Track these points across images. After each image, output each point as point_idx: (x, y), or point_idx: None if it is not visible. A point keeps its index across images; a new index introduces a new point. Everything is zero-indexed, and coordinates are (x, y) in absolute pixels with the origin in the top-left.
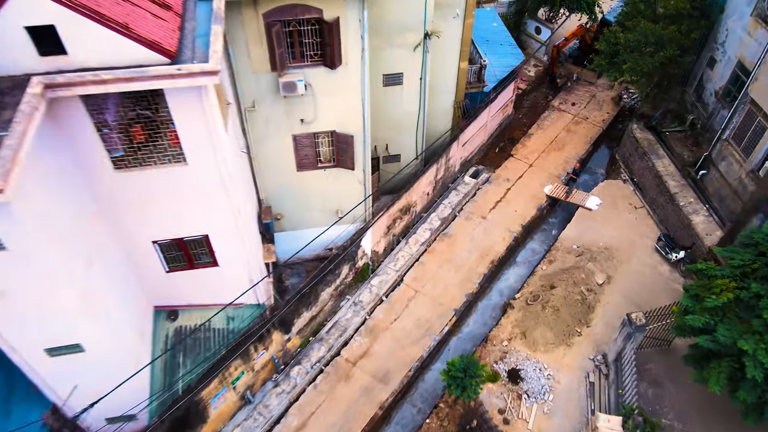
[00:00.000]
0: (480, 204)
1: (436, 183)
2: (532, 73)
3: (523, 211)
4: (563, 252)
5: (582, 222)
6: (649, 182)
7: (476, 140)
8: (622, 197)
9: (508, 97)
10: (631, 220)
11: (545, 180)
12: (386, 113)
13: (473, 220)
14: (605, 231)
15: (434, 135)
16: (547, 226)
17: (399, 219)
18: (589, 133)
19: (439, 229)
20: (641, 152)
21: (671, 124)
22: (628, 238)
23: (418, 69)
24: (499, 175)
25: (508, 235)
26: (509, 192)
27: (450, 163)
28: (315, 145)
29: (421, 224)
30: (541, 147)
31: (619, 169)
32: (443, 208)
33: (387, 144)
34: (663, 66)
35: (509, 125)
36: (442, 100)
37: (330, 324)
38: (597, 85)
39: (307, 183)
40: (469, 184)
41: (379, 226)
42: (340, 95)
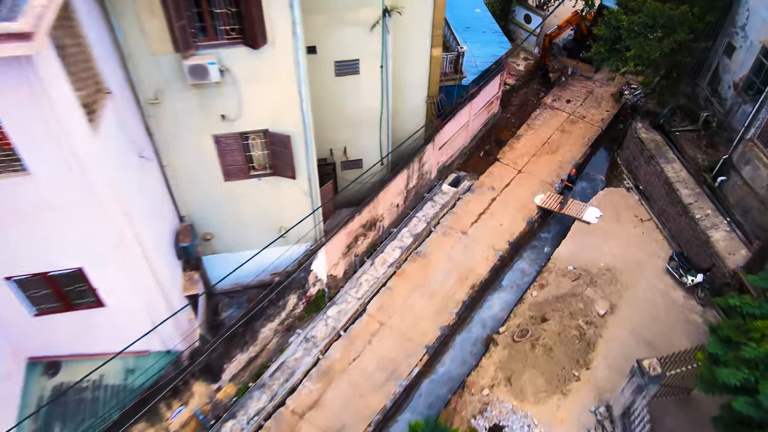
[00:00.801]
0: (460, 217)
1: (407, 193)
2: (521, 67)
3: (510, 225)
4: (557, 274)
5: (579, 238)
6: (658, 190)
7: (456, 142)
8: (626, 208)
9: (493, 93)
10: (637, 236)
11: (536, 188)
12: (341, 109)
13: (452, 236)
14: (607, 249)
15: (404, 136)
16: (538, 242)
17: (362, 236)
18: (586, 133)
19: (411, 247)
20: (647, 155)
21: (681, 123)
22: (633, 257)
23: (378, 55)
24: (482, 182)
25: (492, 254)
26: (494, 202)
27: (424, 169)
28: (244, 148)
29: (389, 242)
30: (531, 150)
31: (622, 175)
32: (416, 223)
33: (345, 147)
34: (672, 53)
35: (495, 125)
36: (412, 94)
37: (275, 366)
38: (594, 79)
39: (239, 195)
40: (448, 193)
41: (335, 245)
42: (270, 84)
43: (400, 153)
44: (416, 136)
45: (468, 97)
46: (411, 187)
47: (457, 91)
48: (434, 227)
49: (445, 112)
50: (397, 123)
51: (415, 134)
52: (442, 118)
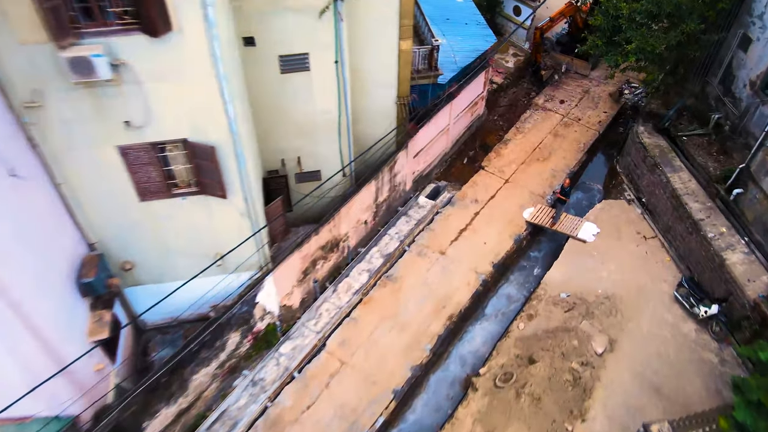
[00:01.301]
0: (438, 234)
1: (377, 207)
2: (510, 64)
3: (495, 243)
4: (547, 303)
5: (573, 259)
6: (663, 203)
7: (435, 149)
8: (627, 223)
9: (477, 93)
10: (640, 256)
11: (525, 200)
12: (290, 113)
13: (428, 257)
14: (605, 272)
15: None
16: (527, 262)
17: (322, 259)
18: (581, 137)
19: (381, 270)
20: (651, 163)
21: (689, 126)
22: (636, 282)
23: (331, 48)
24: (465, 194)
25: (473, 278)
26: (478, 217)
27: (397, 179)
28: (160, 161)
29: (355, 264)
30: (520, 156)
31: (622, 185)
32: (388, 241)
33: (299, 157)
34: (680, 47)
35: (480, 128)
36: (379, 94)
37: (214, 416)
38: (591, 77)
39: (161, 217)
40: (425, 207)
41: (288, 271)
42: (182, 83)
43: (367, 162)
44: (386, 142)
45: (446, 97)
46: (381, 200)
47: (432, 90)
48: (408, 246)
49: (419, 115)
50: (361, 128)
51: (383, 140)
52: (416, 121)
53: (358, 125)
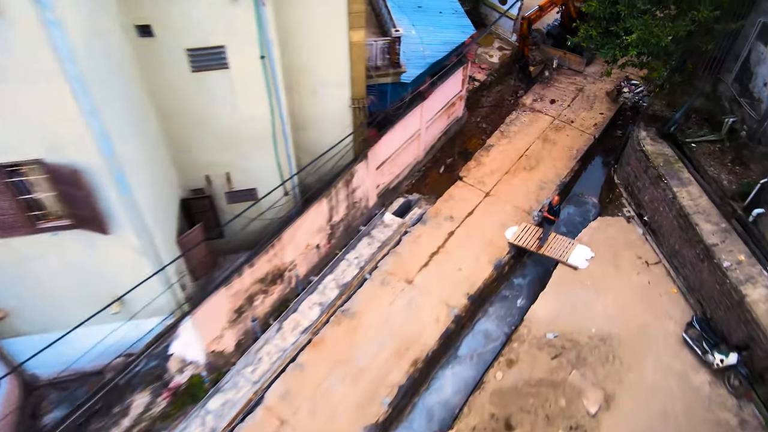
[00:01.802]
0: (405, 259)
1: (332, 228)
2: (495, 59)
3: (471, 269)
4: (531, 346)
5: (563, 289)
6: (669, 223)
7: (404, 158)
8: (626, 246)
9: (454, 93)
10: (642, 287)
11: (508, 218)
12: (210, 121)
13: (392, 287)
14: (600, 306)
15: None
16: (509, 291)
17: (262, 293)
18: (574, 143)
19: (336, 303)
20: (654, 174)
21: (699, 131)
22: (637, 319)
23: (254, 39)
24: (438, 210)
25: (444, 313)
26: (452, 238)
27: (356, 195)
28: (13, 188)
29: (306, 296)
30: (504, 165)
31: (620, 199)
32: (345, 268)
33: (228, 172)
34: (689, 38)
35: (460, 132)
36: (328, 96)
37: None
38: (586, 74)
39: (29, 257)
40: (391, 226)
41: (215, 311)
42: (21, 86)
43: (322, 176)
44: (339, 152)
45: (415, 98)
46: (337, 220)
47: (394, 90)
48: (369, 273)
49: (381, 120)
50: (310, 136)
51: (338, 150)
52: (377, 127)
53: (305, 133)
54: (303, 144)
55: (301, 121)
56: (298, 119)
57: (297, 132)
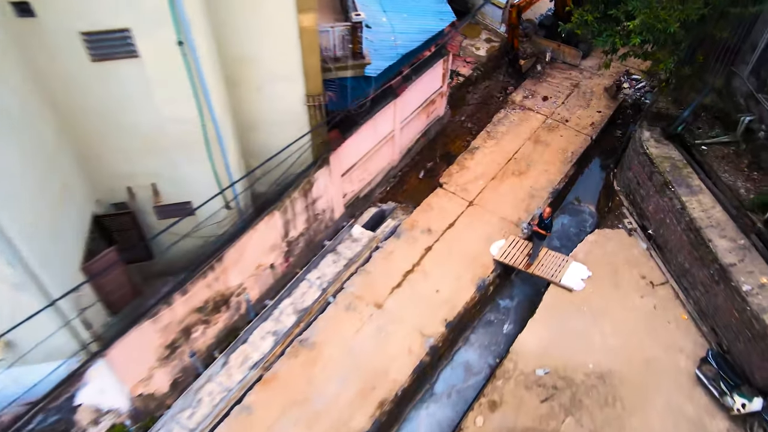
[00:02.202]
0: (375, 279)
1: (289, 245)
2: (482, 52)
3: (451, 291)
4: (518, 384)
5: (555, 315)
6: (677, 238)
7: (376, 163)
8: (628, 263)
9: (434, 89)
10: (647, 313)
11: (494, 230)
12: (126, 122)
13: (359, 312)
14: (598, 336)
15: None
16: (494, 314)
17: (203, 323)
18: (569, 144)
19: (293, 332)
20: (659, 181)
21: (710, 131)
22: (641, 352)
23: (167, 20)
24: (415, 222)
25: (419, 344)
26: (430, 254)
27: (319, 206)
28: None
29: (258, 323)
30: (490, 169)
31: (621, 208)
32: (305, 290)
33: (154, 183)
34: (701, 23)
35: (442, 133)
36: (278, 92)
37: None
38: (582, 68)
39: None
40: (360, 240)
41: (139, 349)
42: None
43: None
44: (295, 157)
45: (383, 94)
46: (295, 235)
47: (357, 86)
48: (333, 296)
49: (343, 120)
50: (258, 140)
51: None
52: (342, 128)
53: (254, 135)
54: (253, 149)
55: (248, 121)
56: (245, 120)
57: (245, 134)
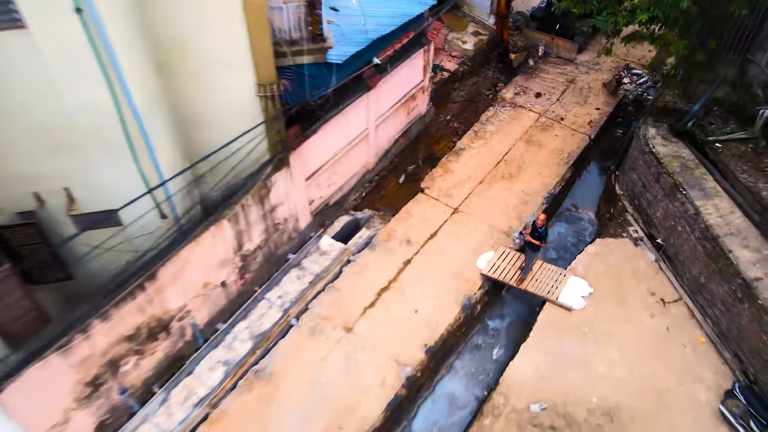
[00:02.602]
0: (345, 297)
1: (245, 259)
2: (469, 45)
3: (432, 311)
4: (509, 422)
5: (552, 339)
6: (690, 247)
7: (348, 165)
8: (635, 277)
9: (414, 83)
10: (658, 335)
11: (481, 241)
12: (15, 111)
13: (325, 336)
14: (602, 364)
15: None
16: (482, 338)
17: (135, 354)
18: (565, 145)
19: (247, 361)
20: (668, 183)
21: (725, 127)
22: (654, 382)
23: None
24: (392, 231)
25: (394, 373)
26: (408, 268)
27: (279, 214)
28: None
29: (207, 352)
30: (477, 173)
31: (624, 215)
32: (264, 311)
33: (67, 188)
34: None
35: (425, 133)
36: (223, 80)
37: None
38: (577, 62)
39: None
40: (329, 253)
41: (48, 388)
42: None
43: (229, 189)
44: (247, 158)
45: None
46: (252, 248)
47: (319, 74)
48: (297, 318)
49: (305, 116)
50: (203, 137)
51: (238, 154)
52: (305, 125)
53: (198, 132)
54: (199, 149)
55: (190, 116)
56: (187, 114)
57: (188, 132)
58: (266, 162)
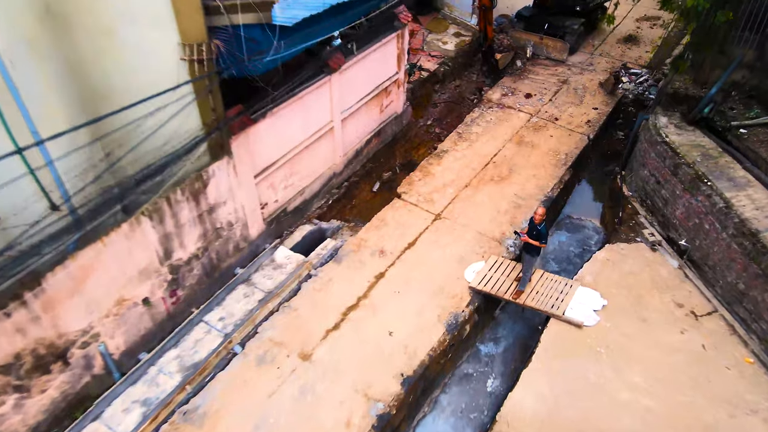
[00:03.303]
0: (304, 318)
1: (177, 271)
2: (449, 46)
3: (410, 332)
4: None
5: (561, 361)
6: (723, 248)
7: (310, 165)
8: (656, 287)
9: (387, 75)
10: (693, 356)
11: (468, 249)
12: None
13: (276, 366)
14: (626, 390)
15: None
16: (473, 366)
17: (15, 392)
18: (561, 145)
19: (173, 399)
20: (688, 176)
21: (748, 112)
22: (695, 414)
23: None
24: (362, 241)
25: (362, 411)
26: (382, 282)
27: (221, 217)
28: None
29: (123, 389)
30: (462, 176)
31: (636, 218)
32: (200, 338)
33: None
34: None
35: (403, 137)
36: (136, 38)
37: None
38: (569, 64)
39: None
40: (284, 267)
41: None
42: None
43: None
44: (173, 141)
45: (311, 65)
46: (186, 257)
47: (253, 37)
48: (242, 345)
49: (248, 97)
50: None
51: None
52: (250, 107)
53: (108, 105)
54: (114, 125)
55: (98, 85)
56: (93, 82)
57: (96, 105)
58: (197, 141)
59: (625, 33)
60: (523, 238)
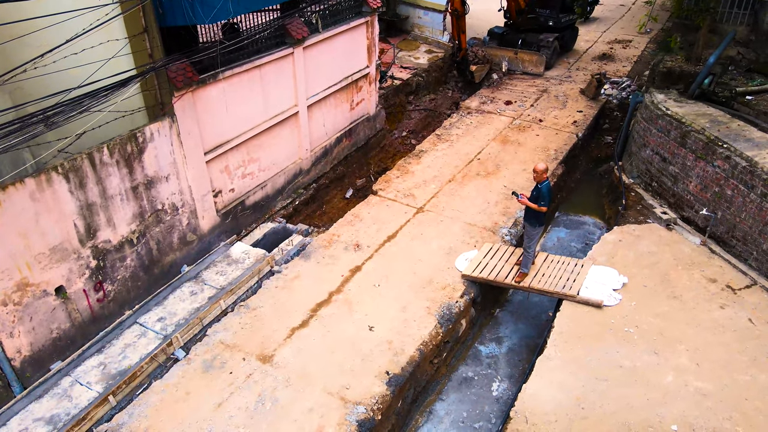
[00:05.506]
0: (264, 318)
1: (105, 258)
2: (422, 60)
3: (394, 327)
4: None
5: (583, 345)
6: (752, 212)
7: (272, 154)
8: (680, 264)
9: (357, 66)
10: (740, 331)
11: (457, 240)
12: None
13: (227, 372)
14: (671, 373)
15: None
16: (473, 368)
17: None
18: (549, 143)
19: (91, 415)
20: (700, 142)
21: (750, 82)
22: (760, 395)
23: None
24: (334, 237)
25: (336, 417)
26: (358, 275)
27: (163, 195)
28: None
29: (22, 405)
30: (445, 172)
31: (641, 203)
32: (130, 342)
33: None
34: None
35: (377, 143)
36: None
37: None
38: (547, 77)
39: None
40: (241, 262)
41: None
42: None
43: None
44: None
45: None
46: (117, 242)
47: None
48: (185, 349)
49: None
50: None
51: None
52: (197, 63)
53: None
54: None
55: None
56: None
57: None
58: (128, 79)
59: (599, 53)
60: (521, 200)
